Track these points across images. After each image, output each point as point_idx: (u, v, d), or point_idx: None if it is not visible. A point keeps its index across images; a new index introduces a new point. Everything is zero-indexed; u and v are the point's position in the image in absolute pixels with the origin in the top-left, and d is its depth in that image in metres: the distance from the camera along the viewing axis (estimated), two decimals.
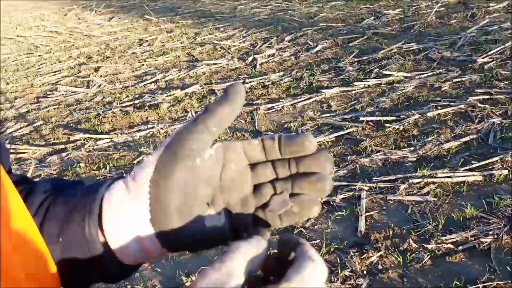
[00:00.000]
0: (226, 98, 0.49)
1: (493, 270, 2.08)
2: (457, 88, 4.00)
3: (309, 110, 4.01)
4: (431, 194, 2.69)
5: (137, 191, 0.46)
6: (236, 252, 0.40)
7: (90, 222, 0.45)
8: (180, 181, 0.45)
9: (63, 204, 0.48)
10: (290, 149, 0.49)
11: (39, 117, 4.62)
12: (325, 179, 0.49)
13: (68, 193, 0.49)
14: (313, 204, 0.50)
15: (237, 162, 0.50)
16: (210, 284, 0.37)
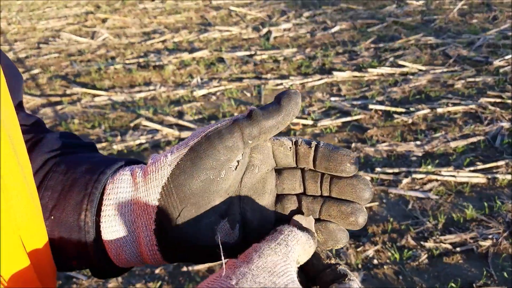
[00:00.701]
0: (277, 109, 0.41)
1: (489, 275, 2.04)
2: (470, 88, 3.90)
3: (318, 91, 3.90)
4: (434, 191, 2.64)
5: (145, 195, 0.41)
6: (291, 236, 0.38)
7: (88, 210, 0.41)
8: (196, 193, 0.40)
9: (64, 173, 0.43)
10: (326, 164, 0.42)
11: (38, 64, 4.45)
12: (359, 212, 0.42)
13: (72, 161, 0.45)
14: (341, 235, 0.43)
15: (263, 165, 0.43)
16: (268, 265, 0.35)
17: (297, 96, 0.41)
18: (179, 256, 0.43)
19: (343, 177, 0.42)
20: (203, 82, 4.10)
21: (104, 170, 0.43)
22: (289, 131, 3.33)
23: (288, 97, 0.41)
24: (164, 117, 3.52)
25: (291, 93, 0.41)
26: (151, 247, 0.42)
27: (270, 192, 0.43)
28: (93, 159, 0.45)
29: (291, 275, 0.35)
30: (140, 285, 2.05)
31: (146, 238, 0.41)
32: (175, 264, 2.16)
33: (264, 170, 0.43)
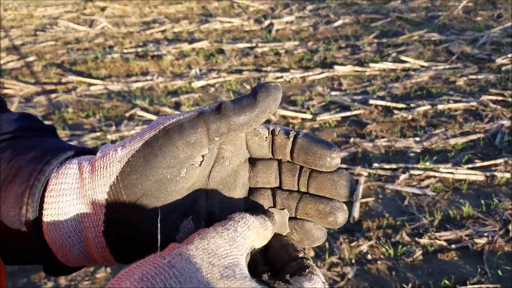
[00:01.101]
0: (252, 104, 0.36)
1: (484, 272, 2.01)
2: (472, 85, 3.85)
3: (319, 85, 3.85)
4: (431, 188, 2.60)
5: (92, 193, 0.36)
6: (241, 222, 0.35)
7: (29, 205, 0.37)
8: (150, 194, 0.36)
9: (8, 161, 0.39)
10: (305, 158, 0.37)
11: (33, 52, 4.40)
12: (339, 211, 0.38)
13: (20, 146, 0.40)
14: (319, 235, 0.39)
15: (235, 157, 0.39)
16: (210, 247, 0.32)
17: (277, 91, 0.36)
18: (135, 257, 0.37)
19: (324, 172, 0.38)
20: (202, 74, 4.05)
21: (49, 160, 0.38)
22: (287, 124, 3.29)
23: (266, 91, 0.36)
24: (160, 107, 3.48)
25: (270, 87, 0.36)
26: (101, 249, 0.38)
27: (242, 186, 0.40)
28: (42, 145, 0.41)
29: (235, 258, 0.32)
30: None
31: (95, 240, 0.37)
32: None
33: (235, 163, 0.39)
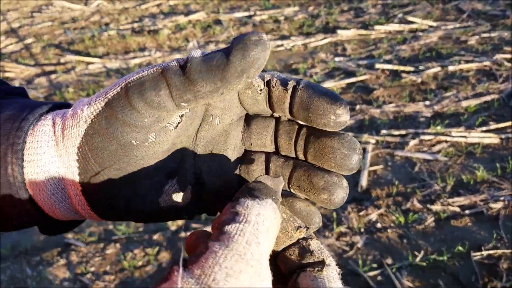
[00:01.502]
0: (223, 65, 0.29)
1: (500, 237, 1.93)
2: (484, 44, 3.67)
3: (322, 51, 3.71)
4: (443, 153, 2.50)
5: (65, 153, 0.35)
6: (262, 228, 0.27)
7: (14, 163, 0.35)
8: (119, 158, 0.33)
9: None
10: (305, 114, 0.31)
11: (31, 33, 4.32)
12: (335, 188, 0.32)
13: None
14: (311, 219, 0.33)
15: (225, 115, 0.34)
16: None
17: (258, 48, 0.28)
18: (118, 218, 0.37)
19: (324, 135, 0.31)
20: (200, 46, 3.93)
21: (26, 116, 0.36)
22: None
23: (243, 48, 0.28)
24: None
25: (249, 41, 0.28)
26: (83, 207, 0.36)
27: (235, 147, 0.35)
28: (16, 104, 0.38)
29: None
30: (138, 251, 2.01)
31: (76, 198, 0.36)
32: (173, 230, 2.10)
33: (227, 121, 0.34)
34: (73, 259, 2.01)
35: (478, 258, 1.85)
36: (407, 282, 1.76)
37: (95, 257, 2.01)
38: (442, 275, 1.79)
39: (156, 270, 1.92)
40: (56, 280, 1.91)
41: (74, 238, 2.12)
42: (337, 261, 1.89)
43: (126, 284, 1.88)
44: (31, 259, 2.02)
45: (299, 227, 0.31)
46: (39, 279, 1.92)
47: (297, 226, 0.31)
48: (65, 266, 1.98)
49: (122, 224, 2.15)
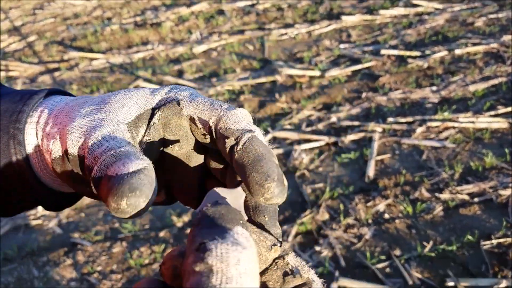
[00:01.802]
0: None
1: (509, 225, 1.91)
2: (492, 25, 3.59)
3: (326, 39, 3.65)
4: (450, 139, 2.46)
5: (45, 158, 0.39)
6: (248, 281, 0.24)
7: (18, 154, 0.39)
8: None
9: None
10: (242, 178, 0.32)
11: (34, 31, 4.31)
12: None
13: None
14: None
15: (184, 145, 0.38)
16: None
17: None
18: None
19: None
20: (203, 38, 3.90)
21: (22, 109, 0.39)
22: (294, 84, 3.16)
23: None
24: (163, 77, 3.38)
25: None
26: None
27: (197, 167, 0.38)
28: (8, 96, 0.41)
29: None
30: (144, 249, 2.02)
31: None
32: (179, 227, 2.11)
33: (186, 149, 0.37)
34: (80, 259, 2.01)
35: (488, 247, 1.83)
36: (416, 274, 1.75)
37: (102, 256, 2.01)
38: (451, 265, 1.78)
39: None
40: (63, 280, 1.92)
41: (80, 238, 2.13)
42: (345, 253, 1.89)
43: (133, 283, 1.89)
44: (37, 259, 2.03)
45: (273, 246, 0.30)
46: (46, 279, 1.93)
47: (269, 245, 0.29)
48: (72, 266, 1.98)
49: (128, 222, 2.17)
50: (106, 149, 0.31)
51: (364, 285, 1.70)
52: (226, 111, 0.34)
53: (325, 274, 1.79)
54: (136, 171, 0.29)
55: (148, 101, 0.36)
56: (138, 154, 0.31)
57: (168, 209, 2.24)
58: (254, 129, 0.34)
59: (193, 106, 0.35)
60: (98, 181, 0.30)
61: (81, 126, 0.35)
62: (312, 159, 2.44)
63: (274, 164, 0.31)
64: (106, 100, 0.37)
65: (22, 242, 2.14)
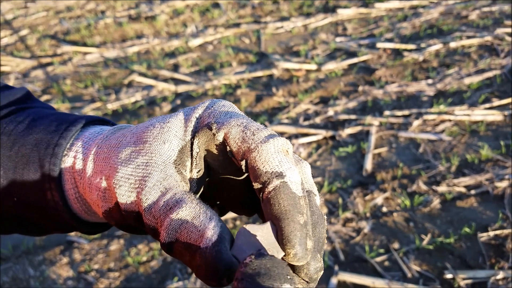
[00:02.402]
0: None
1: (506, 217, 1.93)
2: (485, 18, 3.60)
3: (322, 32, 3.65)
4: (446, 132, 2.48)
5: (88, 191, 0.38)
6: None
7: (54, 189, 0.38)
8: None
9: (10, 148, 0.39)
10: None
11: (26, 25, 4.25)
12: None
13: (13, 130, 0.40)
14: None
15: (223, 170, 0.36)
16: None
17: None
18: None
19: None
20: (198, 31, 3.87)
21: (58, 142, 0.38)
22: (291, 77, 3.15)
23: None
24: (158, 71, 3.35)
25: None
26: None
27: (245, 181, 0.37)
28: (36, 124, 0.40)
29: None
30: (142, 246, 2.01)
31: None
32: None
33: (229, 169, 0.36)
34: (76, 257, 1.99)
35: (485, 239, 1.85)
36: (414, 266, 1.77)
37: (99, 254, 1.99)
38: (449, 257, 1.80)
39: (162, 265, 1.91)
40: (60, 279, 1.89)
41: (76, 236, 2.10)
42: (344, 247, 1.90)
43: (131, 280, 1.87)
44: (33, 258, 2.00)
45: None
46: (42, 278, 1.91)
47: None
48: (68, 265, 1.96)
49: None
50: (165, 209, 0.30)
51: (364, 279, 1.71)
52: (258, 144, 0.31)
53: (325, 268, 1.80)
54: (218, 241, 0.28)
55: (185, 130, 0.34)
56: (203, 211, 0.29)
57: None
58: (286, 170, 0.30)
59: (225, 131, 0.32)
60: (171, 246, 0.30)
61: (127, 178, 0.33)
62: (309, 153, 2.45)
63: (298, 225, 0.28)
64: (143, 138, 0.34)
65: (17, 241, 2.10)
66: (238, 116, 0.33)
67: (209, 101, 0.36)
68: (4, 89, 0.45)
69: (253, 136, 0.31)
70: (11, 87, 0.46)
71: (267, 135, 0.31)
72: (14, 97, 0.44)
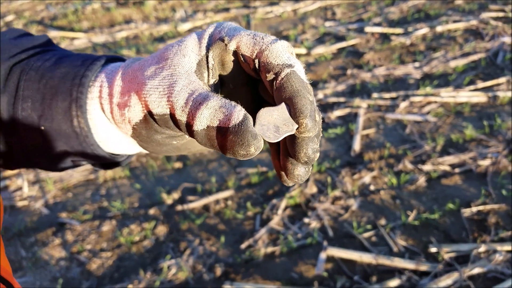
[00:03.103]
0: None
1: (488, 193, 2.00)
2: (471, 3, 3.65)
3: (312, 17, 3.66)
4: (432, 113, 2.53)
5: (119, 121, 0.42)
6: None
7: (79, 116, 0.41)
8: (162, 147, 0.42)
9: (38, 81, 0.42)
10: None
11: (11, 10, 4.18)
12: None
13: (41, 66, 0.42)
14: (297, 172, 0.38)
15: (236, 81, 0.39)
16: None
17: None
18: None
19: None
20: (188, 16, 3.85)
21: (85, 73, 0.41)
22: None
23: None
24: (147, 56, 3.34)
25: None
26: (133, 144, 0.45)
27: (254, 96, 0.41)
28: (62, 61, 0.43)
29: None
30: (134, 226, 2.03)
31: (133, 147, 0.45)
32: (169, 204, 2.13)
33: (239, 83, 0.39)
34: (69, 238, 2.01)
35: (468, 214, 1.92)
36: (400, 241, 1.83)
37: (91, 234, 2.01)
38: (434, 232, 1.87)
39: (154, 244, 1.94)
40: (52, 259, 1.91)
41: (68, 218, 2.12)
42: (332, 224, 1.95)
43: (123, 260, 1.90)
44: (25, 240, 2.01)
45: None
46: (35, 259, 1.92)
47: None
48: (61, 246, 1.97)
49: (117, 200, 2.18)
50: (195, 103, 0.33)
51: (352, 253, 1.77)
52: (268, 45, 0.35)
53: (314, 244, 1.85)
54: (244, 119, 0.32)
55: (200, 46, 0.37)
56: (228, 102, 0.33)
57: (157, 186, 2.26)
58: (294, 63, 0.35)
59: (236, 41, 0.36)
60: (204, 134, 0.33)
61: (156, 87, 0.36)
62: None
63: (308, 101, 0.33)
64: (164, 56, 0.37)
65: (8, 223, 2.11)
66: (245, 30, 0.37)
67: (217, 22, 0.39)
68: (27, 35, 0.48)
69: (262, 40, 0.35)
70: (33, 34, 0.49)
71: (274, 38, 0.36)
72: (38, 41, 0.47)
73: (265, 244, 1.86)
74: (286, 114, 0.34)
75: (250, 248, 1.85)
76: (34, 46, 0.46)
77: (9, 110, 0.42)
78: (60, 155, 0.44)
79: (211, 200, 2.10)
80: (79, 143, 0.42)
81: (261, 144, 0.32)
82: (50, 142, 0.43)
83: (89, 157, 0.44)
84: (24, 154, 0.44)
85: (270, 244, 1.86)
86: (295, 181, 0.36)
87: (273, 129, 0.33)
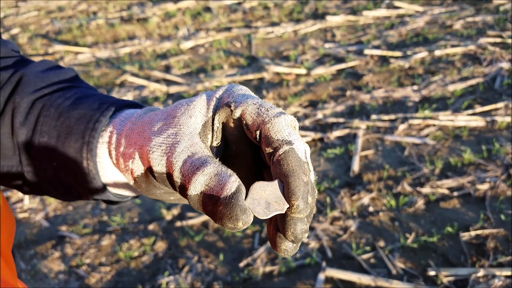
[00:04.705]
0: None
1: (486, 217, 2.01)
2: (469, 28, 3.73)
3: (311, 38, 3.73)
4: (431, 136, 2.56)
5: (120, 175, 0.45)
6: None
7: (89, 159, 0.44)
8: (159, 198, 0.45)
9: (56, 119, 0.45)
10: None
11: (17, 23, 4.24)
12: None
13: (61, 104, 0.45)
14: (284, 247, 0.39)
15: (239, 145, 0.41)
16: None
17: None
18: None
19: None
20: (190, 34, 3.91)
21: (99, 119, 0.44)
22: (281, 81, 3.21)
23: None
24: (150, 72, 3.38)
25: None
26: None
27: (255, 160, 0.42)
28: (81, 101, 0.46)
29: None
30: (133, 241, 2.03)
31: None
32: (168, 220, 2.13)
33: (241, 148, 0.41)
34: (68, 252, 2.00)
35: (467, 238, 1.93)
36: (399, 264, 1.83)
37: (90, 248, 2.01)
38: (432, 255, 1.87)
39: (153, 260, 1.93)
40: (51, 273, 1.90)
41: (68, 231, 2.11)
42: (331, 245, 1.95)
43: (122, 275, 1.89)
44: (24, 252, 2.01)
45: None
46: (34, 272, 1.91)
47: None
48: (60, 259, 1.97)
49: (117, 215, 2.18)
50: (192, 168, 0.35)
51: (350, 275, 1.77)
52: (271, 118, 0.36)
53: (313, 264, 1.85)
54: (236, 191, 0.33)
55: (208, 108, 0.39)
56: (224, 170, 0.34)
57: (157, 202, 2.26)
58: (294, 140, 0.35)
59: (242, 108, 0.37)
60: (197, 199, 0.34)
61: (159, 145, 0.38)
62: None
63: (302, 182, 0.34)
64: (172, 114, 0.39)
65: None
66: (253, 97, 0.38)
67: (228, 85, 0.41)
68: (56, 68, 0.51)
69: (267, 112, 0.36)
70: (62, 67, 0.52)
71: (278, 111, 0.36)
72: (65, 76, 0.50)
73: (263, 263, 1.85)
74: (278, 192, 0.34)
75: (248, 267, 1.85)
76: (60, 81, 0.49)
77: (27, 142, 0.45)
78: (68, 189, 0.47)
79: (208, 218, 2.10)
80: (87, 182, 0.45)
81: (250, 219, 0.33)
82: (60, 177, 0.45)
83: (95, 195, 0.46)
84: (36, 183, 0.47)
85: (269, 263, 1.86)
86: (281, 254, 0.36)
87: (264, 205, 0.34)
